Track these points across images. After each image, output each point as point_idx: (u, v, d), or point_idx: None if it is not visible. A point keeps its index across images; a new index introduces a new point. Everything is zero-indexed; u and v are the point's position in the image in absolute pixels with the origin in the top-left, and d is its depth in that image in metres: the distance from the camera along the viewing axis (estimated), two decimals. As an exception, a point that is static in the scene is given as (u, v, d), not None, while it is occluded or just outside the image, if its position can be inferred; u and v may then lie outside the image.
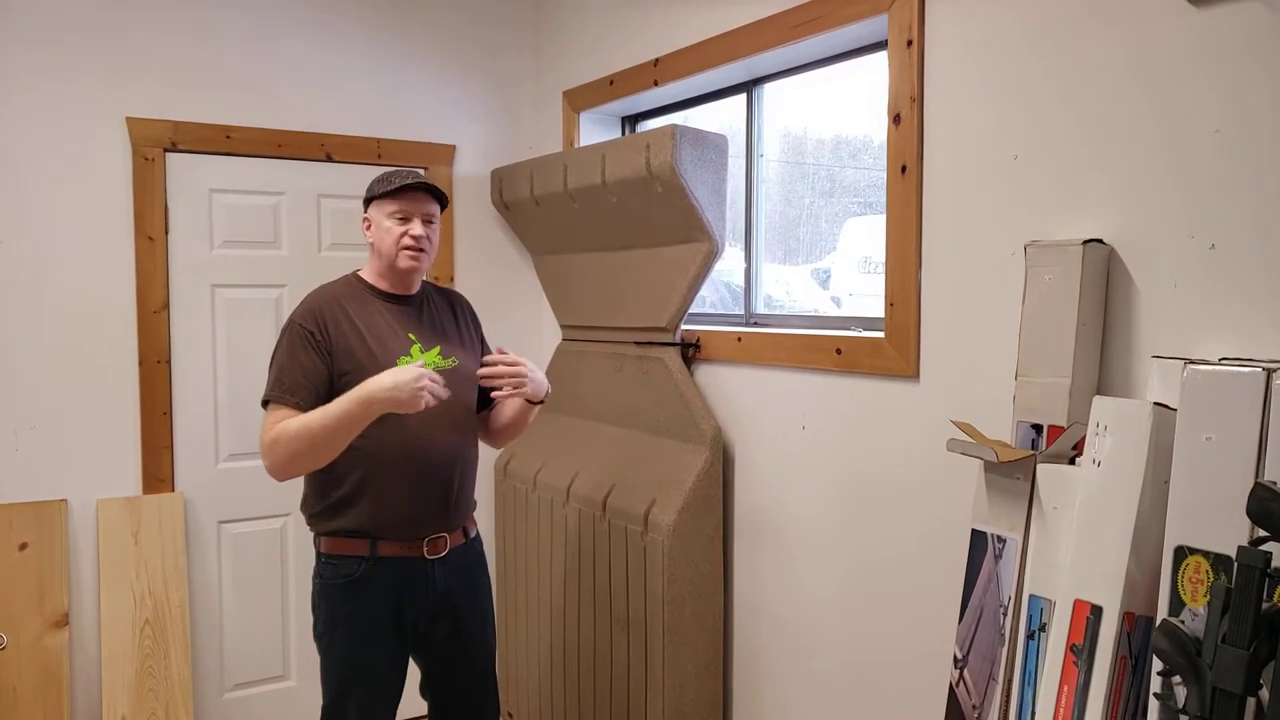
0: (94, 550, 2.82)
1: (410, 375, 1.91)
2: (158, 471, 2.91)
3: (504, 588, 3.27)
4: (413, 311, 2.16)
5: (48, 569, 2.73)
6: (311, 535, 2.14)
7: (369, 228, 2.14)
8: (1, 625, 2.65)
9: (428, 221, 2.12)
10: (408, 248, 2.08)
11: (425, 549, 2.10)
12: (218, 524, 3.03)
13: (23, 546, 2.71)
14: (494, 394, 2.15)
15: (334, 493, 2.06)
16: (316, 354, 2.01)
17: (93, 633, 2.81)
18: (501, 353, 2.13)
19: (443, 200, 2.17)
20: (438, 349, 2.13)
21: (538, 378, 2.17)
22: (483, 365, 2.14)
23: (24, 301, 2.74)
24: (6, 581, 2.68)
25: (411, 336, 2.10)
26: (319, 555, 2.11)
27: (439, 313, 2.23)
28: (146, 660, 2.80)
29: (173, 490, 2.94)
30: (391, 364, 2.04)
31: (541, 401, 2.24)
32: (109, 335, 2.85)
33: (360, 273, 2.18)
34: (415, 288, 2.19)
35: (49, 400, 2.77)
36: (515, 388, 2.11)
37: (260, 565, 3.10)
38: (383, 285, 2.15)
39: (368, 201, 2.15)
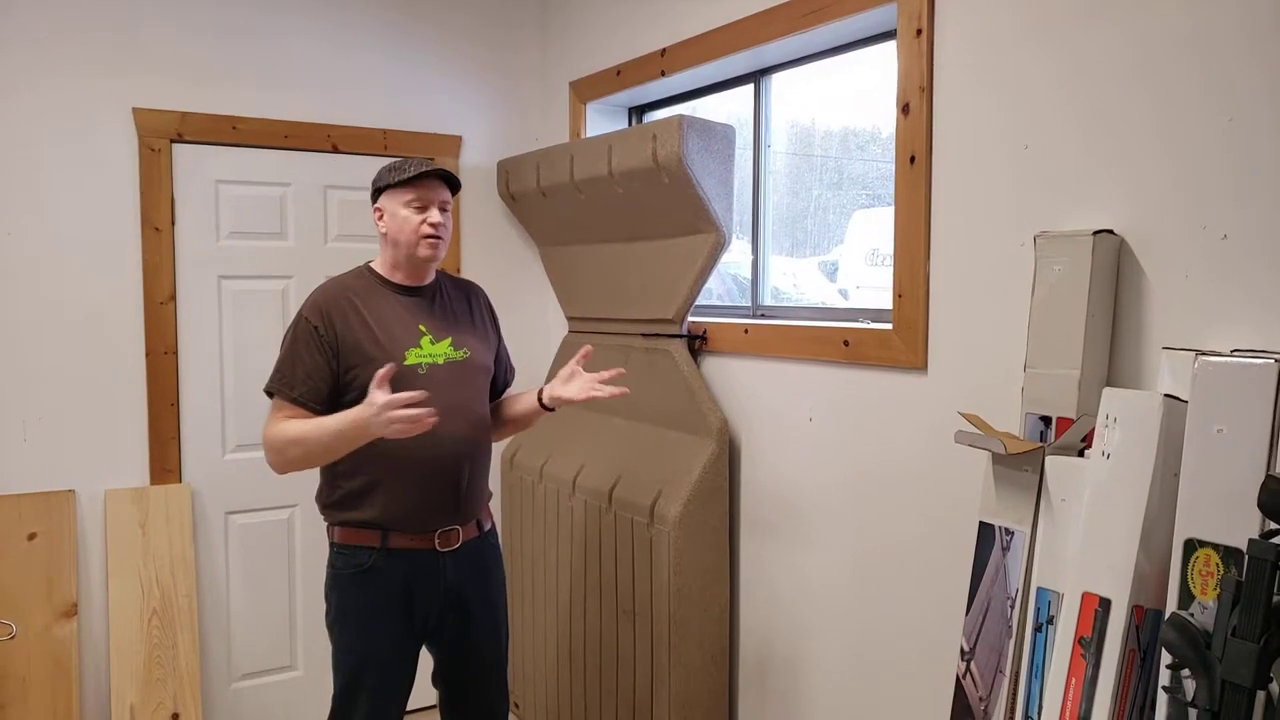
0: (102, 541, 2.83)
1: (372, 410, 1.83)
2: (165, 462, 2.92)
3: (511, 579, 3.28)
4: (425, 302, 2.15)
5: (56, 559, 2.74)
6: (325, 525, 2.14)
7: (381, 218, 2.11)
8: (11, 615, 2.66)
9: (443, 209, 2.10)
10: (428, 236, 2.06)
11: (436, 541, 2.09)
12: (225, 514, 3.03)
13: (31, 537, 2.72)
14: (575, 398, 2.15)
15: (346, 484, 2.07)
16: (319, 351, 2.01)
17: (101, 622, 2.82)
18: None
19: (456, 186, 2.16)
20: (449, 340, 2.12)
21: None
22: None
23: (31, 293, 2.75)
24: (15, 572, 2.69)
25: (422, 328, 2.10)
26: (332, 545, 2.12)
27: (453, 303, 2.21)
28: (154, 650, 2.81)
29: (180, 481, 2.95)
30: (400, 357, 2.04)
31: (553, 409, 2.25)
32: (116, 326, 2.85)
33: (372, 264, 2.17)
34: (429, 278, 2.18)
35: (57, 391, 2.78)
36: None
37: (267, 556, 3.11)
38: (396, 277, 2.13)
39: (379, 191, 2.11)
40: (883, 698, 2.15)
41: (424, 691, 2.30)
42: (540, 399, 2.23)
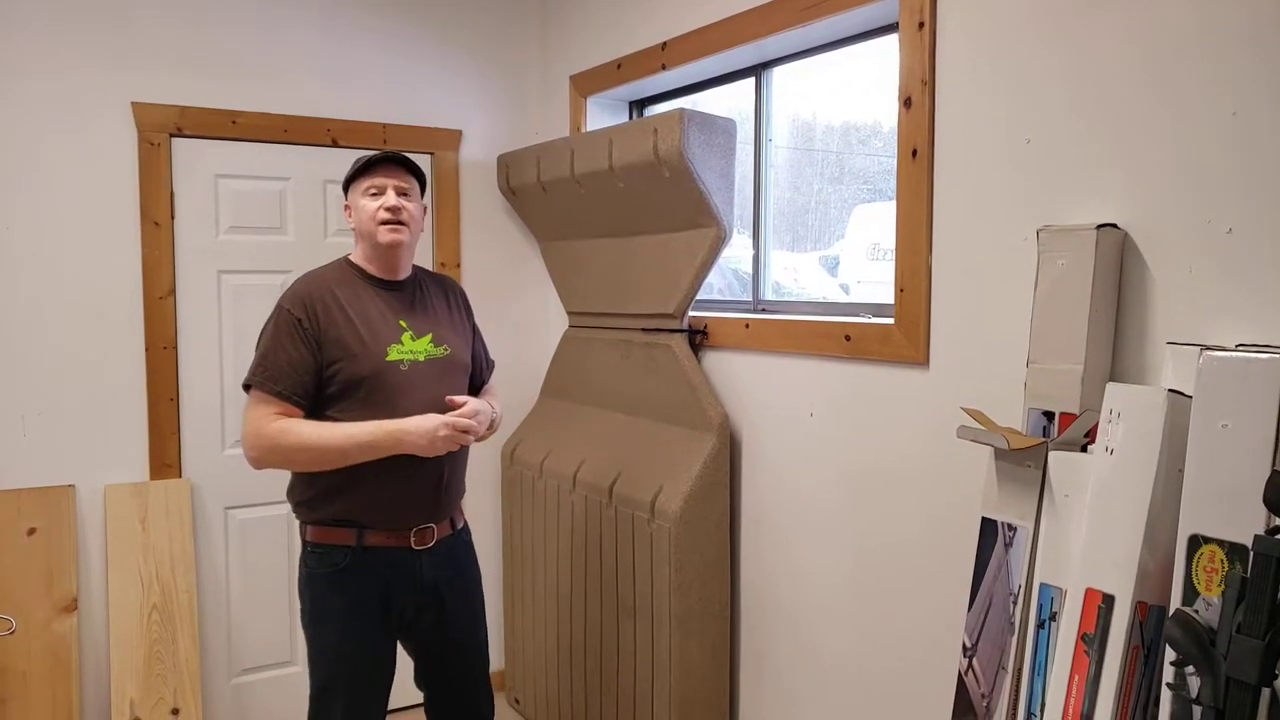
0: (102, 536, 2.83)
1: (430, 425, 1.96)
2: (165, 457, 2.91)
3: (510, 574, 3.28)
4: (405, 297, 2.13)
5: (56, 554, 2.74)
6: (297, 523, 2.12)
7: (350, 214, 2.13)
8: (11, 610, 2.66)
9: (402, 193, 2.09)
10: (385, 221, 2.05)
11: (412, 539, 2.07)
12: (224, 510, 3.03)
13: (31, 532, 2.72)
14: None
15: (322, 481, 2.04)
16: (304, 343, 1.99)
17: (101, 618, 2.82)
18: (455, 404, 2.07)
19: (418, 174, 2.14)
20: (430, 336, 2.10)
21: (487, 418, 2.13)
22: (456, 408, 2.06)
23: (31, 288, 2.74)
24: (15, 566, 2.68)
25: (403, 324, 2.08)
26: (305, 544, 2.09)
27: (432, 299, 2.20)
28: (154, 645, 2.81)
29: (180, 476, 2.94)
30: (382, 351, 2.02)
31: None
32: (115, 321, 2.85)
33: (350, 257, 2.15)
34: (405, 272, 2.16)
35: (56, 386, 2.77)
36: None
37: (267, 551, 3.10)
38: (372, 269, 2.12)
39: (346, 190, 2.13)
40: (884, 693, 2.14)
41: (408, 690, 2.28)
42: None
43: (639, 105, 3.24)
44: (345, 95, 3.15)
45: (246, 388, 2.01)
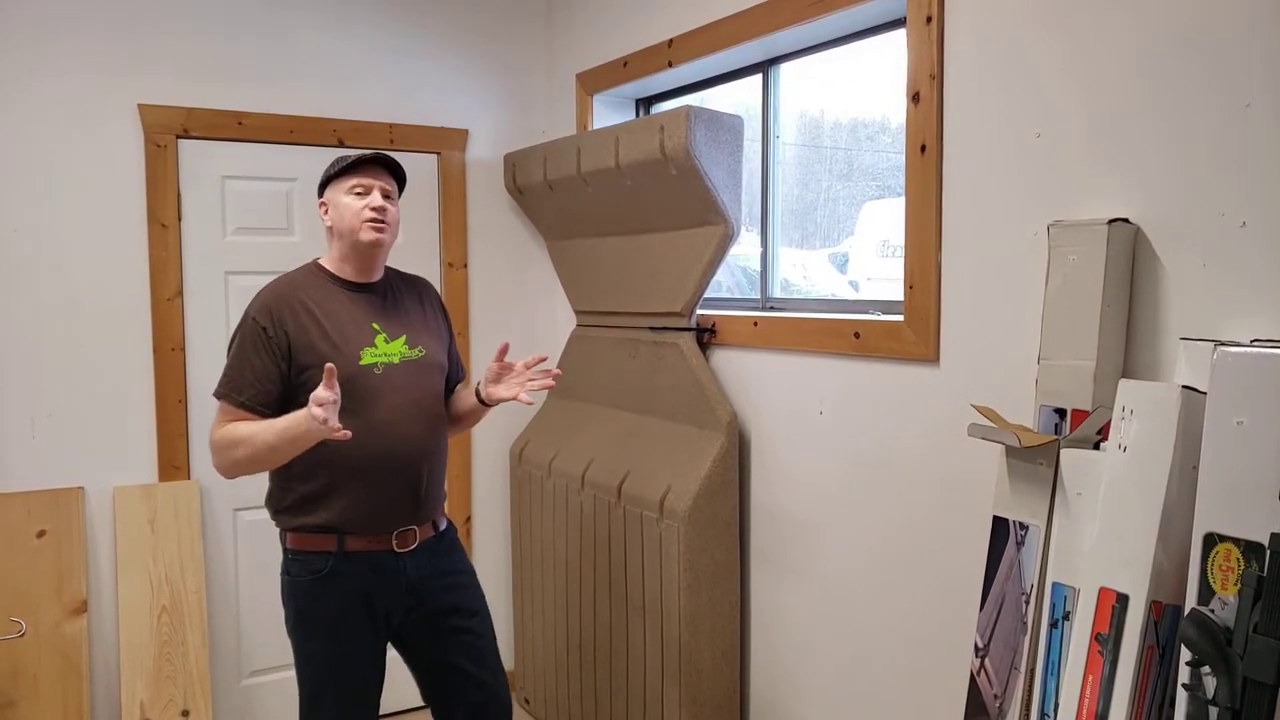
0: (111, 537, 2.83)
1: (304, 412, 1.82)
2: (173, 459, 2.92)
3: (520, 574, 3.27)
4: (376, 300, 2.10)
5: (66, 556, 2.74)
6: (278, 530, 2.10)
7: (326, 212, 2.08)
8: (21, 612, 2.67)
9: (386, 195, 2.06)
10: (369, 220, 2.02)
11: (394, 542, 2.05)
12: (233, 511, 3.03)
13: (41, 534, 2.72)
14: (516, 398, 2.08)
15: (300, 488, 2.02)
16: (267, 353, 1.97)
17: (111, 620, 2.82)
18: (501, 360, 2.09)
19: (401, 177, 2.13)
20: (404, 338, 2.08)
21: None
22: (508, 367, 2.09)
23: (38, 289, 2.74)
24: (25, 569, 2.69)
25: (375, 326, 2.06)
26: (286, 551, 2.08)
27: (404, 300, 2.17)
28: (164, 647, 2.81)
29: (188, 478, 2.95)
30: (355, 356, 2.00)
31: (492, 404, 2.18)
32: (123, 323, 2.85)
33: (321, 261, 2.12)
34: (378, 274, 2.13)
35: (65, 388, 2.78)
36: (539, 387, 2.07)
37: (276, 552, 3.06)
38: (345, 273, 2.09)
39: (323, 187, 2.10)
40: (896, 694, 2.13)
41: (399, 695, 2.26)
42: (479, 397, 2.17)
43: (645, 103, 3.23)
44: (351, 96, 3.15)
45: (218, 399, 2.00)
